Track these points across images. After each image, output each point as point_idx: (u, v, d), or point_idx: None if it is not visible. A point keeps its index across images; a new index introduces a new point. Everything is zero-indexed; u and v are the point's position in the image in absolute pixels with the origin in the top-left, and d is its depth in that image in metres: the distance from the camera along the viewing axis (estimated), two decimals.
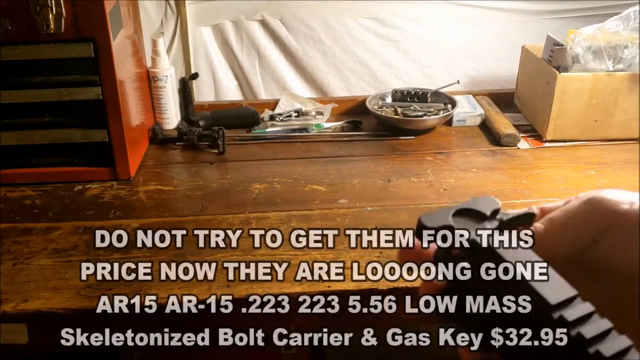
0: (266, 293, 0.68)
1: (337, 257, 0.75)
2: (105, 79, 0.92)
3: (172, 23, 1.28)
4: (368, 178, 0.99)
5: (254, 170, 1.02)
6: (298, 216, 0.87)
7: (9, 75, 0.91)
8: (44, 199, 0.93)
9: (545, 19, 1.33)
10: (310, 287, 0.70)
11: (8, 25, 0.86)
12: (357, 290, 0.69)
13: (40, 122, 0.96)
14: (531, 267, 0.29)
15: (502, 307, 0.30)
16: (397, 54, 1.35)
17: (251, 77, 1.35)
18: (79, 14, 0.87)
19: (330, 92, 1.38)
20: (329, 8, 1.30)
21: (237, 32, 1.31)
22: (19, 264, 0.76)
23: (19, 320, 0.68)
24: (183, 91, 1.17)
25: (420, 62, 1.37)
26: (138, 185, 0.98)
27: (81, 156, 0.99)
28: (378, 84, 1.37)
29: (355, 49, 1.34)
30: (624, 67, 1.05)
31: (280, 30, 1.31)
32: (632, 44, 1.03)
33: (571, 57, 1.06)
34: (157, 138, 1.13)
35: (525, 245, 0.31)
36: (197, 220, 0.86)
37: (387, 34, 1.33)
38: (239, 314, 0.68)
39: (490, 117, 1.17)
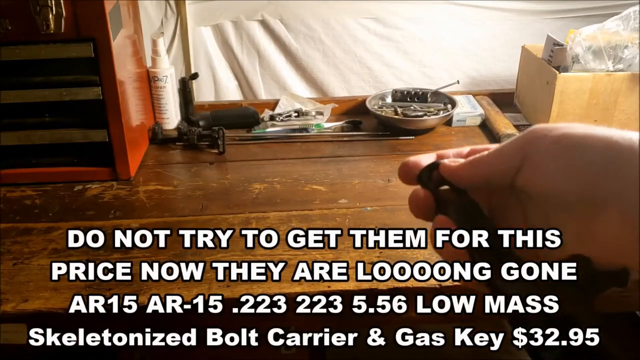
0: (266, 293, 0.68)
1: (337, 257, 0.75)
2: (105, 79, 0.92)
3: (172, 23, 1.28)
4: (368, 178, 0.99)
5: (254, 170, 1.02)
6: (298, 216, 0.87)
7: (9, 75, 0.91)
8: (44, 199, 0.93)
9: (545, 19, 1.34)
10: (311, 287, 0.70)
11: (8, 25, 0.86)
12: (361, 290, 0.69)
13: (40, 122, 0.96)
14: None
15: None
16: (397, 54, 1.35)
17: (251, 77, 1.35)
18: (79, 14, 0.87)
19: (330, 92, 1.38)
20: (329, 8, 1.30)
21: (237, 32, 1.31)
22: (19, 264, 0.76)
23: (19, 320, 0.67)
24: (183, 91, 1.17)
25: (420, 62, 1.37)
26: (138, 185, 0.98)
27: (81, 156, 0.99)
28: (378, 84, 1.37)
29: (355, 49, 1.34)
30: (624, 67, 1.06)
31: (280, 30, 1.31)
32: (632, 44, 1.03)
33: (571, 57, 1.06)
34: (157, 138, 1.13)
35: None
36: (197, 220, 0.86)
37: (387, 34, 1.33)
38: (239, 314, 0.68)
39: (490, 117, 1.17)
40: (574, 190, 0.29)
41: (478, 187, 0.36)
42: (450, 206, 0.35)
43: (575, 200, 0.30)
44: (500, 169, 0.33)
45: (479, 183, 0.35)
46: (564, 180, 0.30)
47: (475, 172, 0.35)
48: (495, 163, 0.34)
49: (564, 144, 0.30)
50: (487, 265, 0.31)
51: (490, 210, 0.37)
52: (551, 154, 0.30)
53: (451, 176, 0.36)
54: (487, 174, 0.34)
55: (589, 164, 0.29)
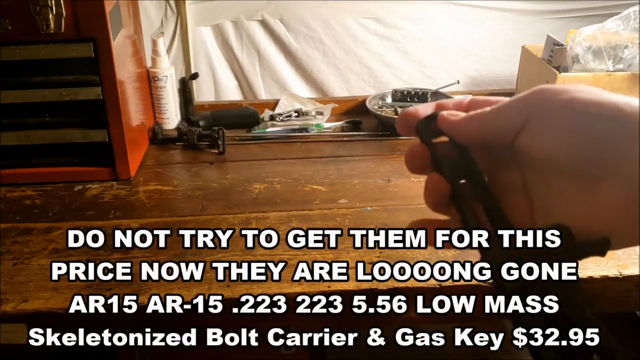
0: (266, 293, 0.68)
1: (337, 257, 0.75)
2: (105, 79, 0.92)
3: (172, 23, 1.28)
4: (368, 178, 0.99)
5: (254, 170, 1.02)
6: (298, 216, 0.87)
7: (9, 75, 0.91)
8: (44, 199, 0.93)
9: (545, 19, 1.33)
10: (311, 287, 0.70)
11: (8, 25, 0.86)
12: (361, 290, 0.69)
13: (40, 122, 0.96)
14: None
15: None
16: (397, 54, 1.35)
17: (251, 77, 1.35)
18: (79, 14, 0.87)
19: (330, 92, 1.38)
20: (329, 8, 1.30)
21: (237, 32, 1.31)
22: (19, 264, 0.76)
23: (19, 320, 0.67)
24: (183, 91, 1.17)
25: (420, 62, 1.37)
26: (138, 185, 0.98)
27: (81, 156, 0.99)
28: (378, 84, 1.37)
29: (355, 49, 1.34)
30: (624, 67, 1.06)
31: (280, 30, 1.31)
32: (632, 44, 1.03)
33: (571, 57, 1.06)
34: (157, 138, 1.13)
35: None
36: (197, 220, 0.86)
37: (387, 34, 1.33)
38: (239, 314, 0.68)
39: None
40: (577, 157, 0.29)
41: (476, 143, 0.34)
42: (445, 162, 0.34)
43: (577, 167, 0.29)
44: (501, 126, 0.32)
45: (477, 139, 0.33)
46: (567, 147, 0.29)
47: (474, 128, 0.33)
48: (497, 120, 0.32)
49: (571, 110, 0.29)
50: (487, 265, 0.31)
51: (487, 169, 0.36)
52: (557, 119, 0.30)
53: (449, 130, 0.34)
54: (487, 130, 0.33)
55: (594, 133, 0.28)
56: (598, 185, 0.29)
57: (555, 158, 0.30)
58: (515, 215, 0.33)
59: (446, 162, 0.34)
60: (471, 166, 0.34)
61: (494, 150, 0.35)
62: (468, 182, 0.34)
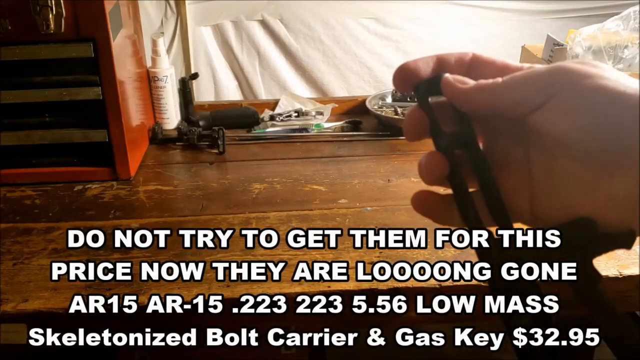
0: (266, 293, 0.68)
1: (337, 257, 0.75)
2: (105, 79, 0.92)
3: (172, 23, 1.28)
4: (368, 178, 0.99)
5: (254, 170, 1.02)
6: (298, 216, 0.87)
7: (9, 75, 0.91)
8: (44, 199, 0.93)
9: (545, 19, 1.34)
10: (311, 287, 0.70)
11: (8, 25, 0.86)
12: (361, 290, 0.69)
13: (40, 122, 0.96)
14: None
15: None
16: (397, 54, 1.35)
17: (251, 77, 1.35)
18: (79, 14, 0.87)
19: (330, 92, 1.38)
20: (329, 8, 1.30)
21: (237, 32, 1.32)
22: (19, 264, 0.76)
23: (19, 320, 0.67)
24: (183, 91, 1.17)
25: None
26: (138, 185, 0.98)
27: (81, 156, 0.99)
28: (378, 84, 1.37)
29: (355, 49, 1.34)
30: (624, 67, 1.05)
31: (280, 30, 1.31)
32: (632, 44, 1.03)
33: (571, 57, 1.06)
34: (157, 138, 1.13)
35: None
36: (197, 220, 0.86)
37: (387, 34, 1.33)
38: (239, 314, 0.68)
39: None
40: (598, 147, 0.29)
41: (482, 115, 0.33)
42: (444, 135, 0.33)
43: (596, 156, 0.29)
44: (516, 101, 0.31)
45: (486, 111, 0.32)
46: (588, 135, 0.29)
47: (484, 99, 0.31)
48: (512, 94, 0.31)
49: (597, 98, 0.29)
50: (487, 265, 0.31)
51: (487, 139, 0.35)
52: (582, 105, 0.29)
53: (455, 98, 0.32)
54: (499, 103, 0.31)
55: (618, 124, 0.28)
56: (615, 175, 0.28)
57: (573, 143, 0.29)
58: (510, 190, 0.33)
59: (446, 135, 0.33)
60: (471, 138, 0.33)
61: (492, 119, 0.34)
62: (466, 153, 0.33)
